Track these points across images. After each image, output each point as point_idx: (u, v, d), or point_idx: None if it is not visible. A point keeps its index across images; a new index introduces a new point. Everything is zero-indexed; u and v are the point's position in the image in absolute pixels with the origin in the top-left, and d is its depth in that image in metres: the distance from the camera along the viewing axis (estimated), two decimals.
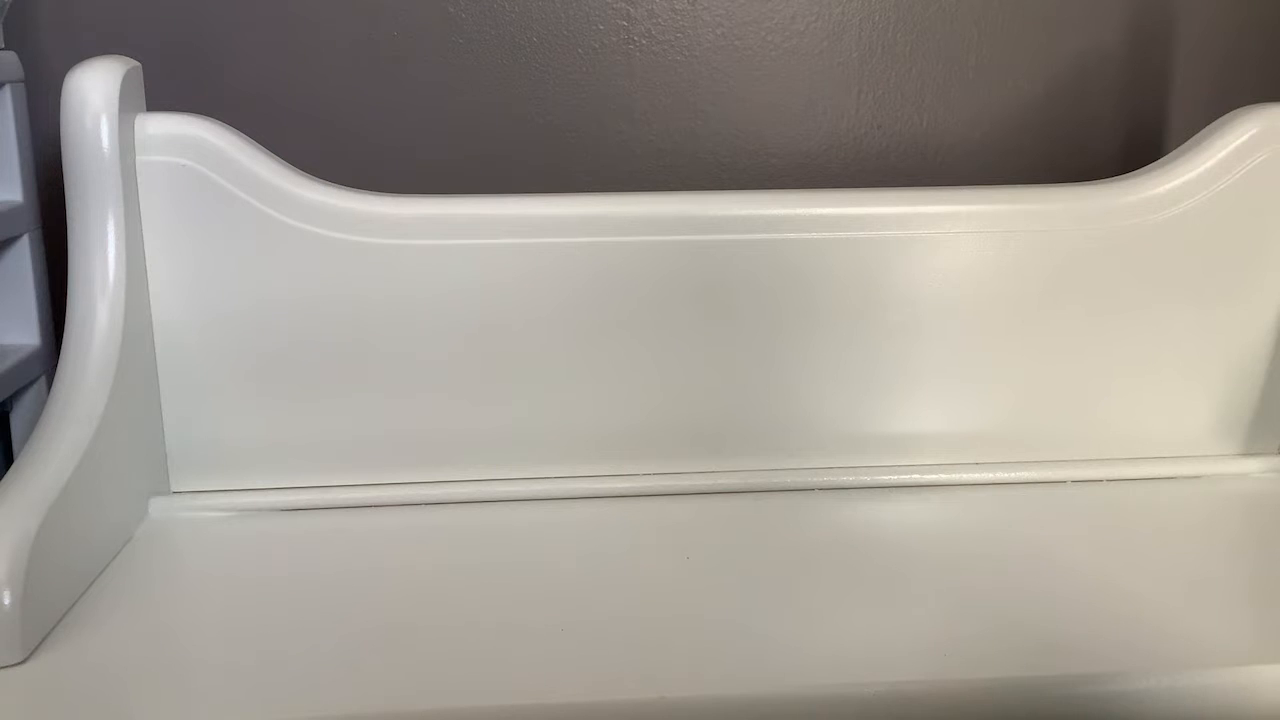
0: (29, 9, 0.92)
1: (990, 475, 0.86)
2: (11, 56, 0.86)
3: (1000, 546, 0.77)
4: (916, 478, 0.86)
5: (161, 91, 0.84)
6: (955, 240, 0.85)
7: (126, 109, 0.77)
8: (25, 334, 0.88)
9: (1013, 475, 0.87)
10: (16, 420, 0.89)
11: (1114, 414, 0.88)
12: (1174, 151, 0.88)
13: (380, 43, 0.95)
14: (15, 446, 0.89)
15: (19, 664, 0.62)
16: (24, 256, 0.87)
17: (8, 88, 0.85)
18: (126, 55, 0.79)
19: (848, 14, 0.99)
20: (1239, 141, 0.85)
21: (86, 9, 0.93)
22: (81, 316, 0.76)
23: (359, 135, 0.97)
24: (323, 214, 0.81)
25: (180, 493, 0.83)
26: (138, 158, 0.79)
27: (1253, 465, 0.89)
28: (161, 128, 0.79)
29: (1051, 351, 0.87)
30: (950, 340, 0.86)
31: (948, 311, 0.86)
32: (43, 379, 0.89)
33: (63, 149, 0.76)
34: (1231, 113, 0.87)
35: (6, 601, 0.61)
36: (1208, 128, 0.87)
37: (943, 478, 0.86)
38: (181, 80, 0.93)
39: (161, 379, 0.82)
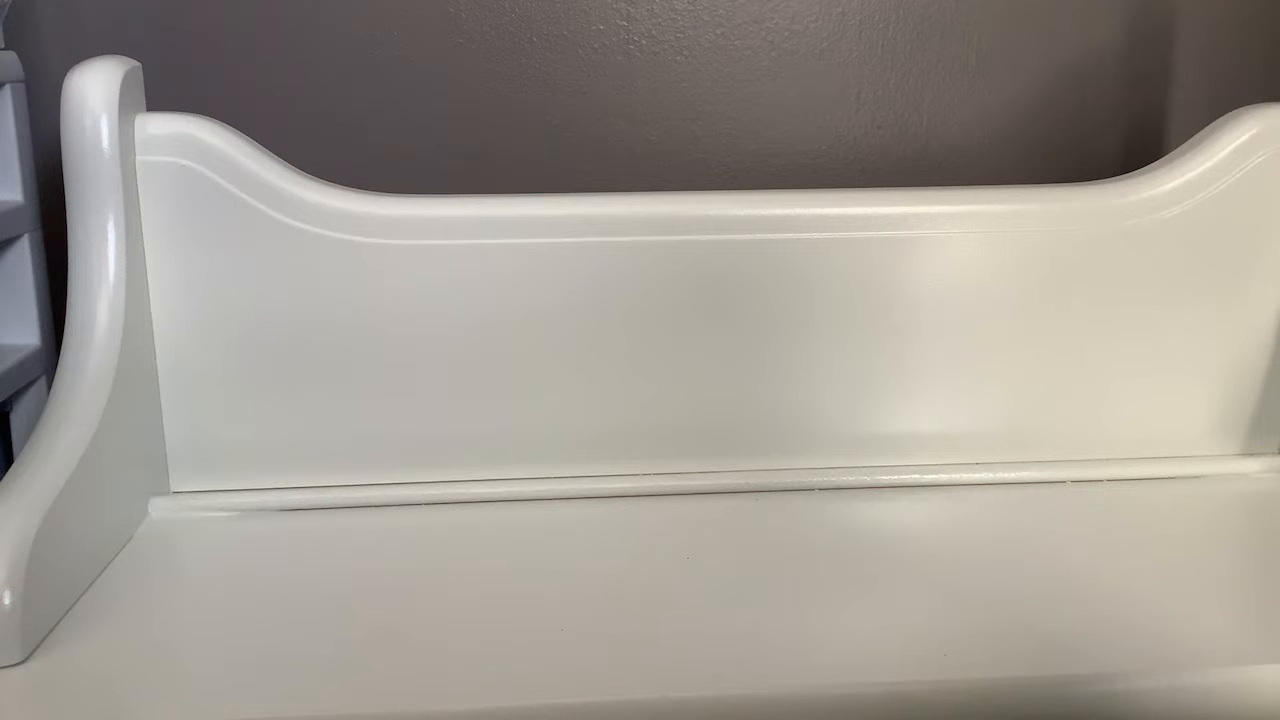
0: (29, 9, 0.92)
1: (990, 475, 0.86)
2: (11, 56, 0.86)
3: (1000, 546, 0.77)
4: (916, 478, 0.86)
5: (161, 91, 0.84)
6: (955, 240, 0.85)
7: (126, 109, 0.77)
8: (25, 334, 0.88)
9: (1013, 475, 0.87)
10: (16, 420, 0.89)
11: (1114, 414, 0.88)
12: (1174, 151, 0.88)
13: (380, 42, 0.95)
14: (15, 446, 0.89)
15: (19, 664, 0.62)
16: (24, 256, 0.87)
17: (8, 88, 0.85)
18: (126, 55, 0.79)
19: (848, 14, 0.99)
20: (1239, 141, 0.85)
21: (86, 9, 0.93)
22: (81, 316, 0.76)
23: (359, 135, 0.97)
24: (323, 214, 0.81)
25: (180, 493, 0.83)
26: (138, 158, 0.79)
27: (1253, 465, 0.89)
28: (161, 128, 0.79)
29: (1051, 351, 0.87)
30: (950, 340, 0.86)
31: (947, 311, 0.86)
32: (43, 379, 0.89)
33: (63, 149, 0.76)
34: (1231, 113, 0.87)
35: (6, 601, 0.61)
36: (1208, 128, 0.87)
37: (943, 478, 0.86)
38: (181, 80, 0.93)
39: (161, 379, 0.82)
